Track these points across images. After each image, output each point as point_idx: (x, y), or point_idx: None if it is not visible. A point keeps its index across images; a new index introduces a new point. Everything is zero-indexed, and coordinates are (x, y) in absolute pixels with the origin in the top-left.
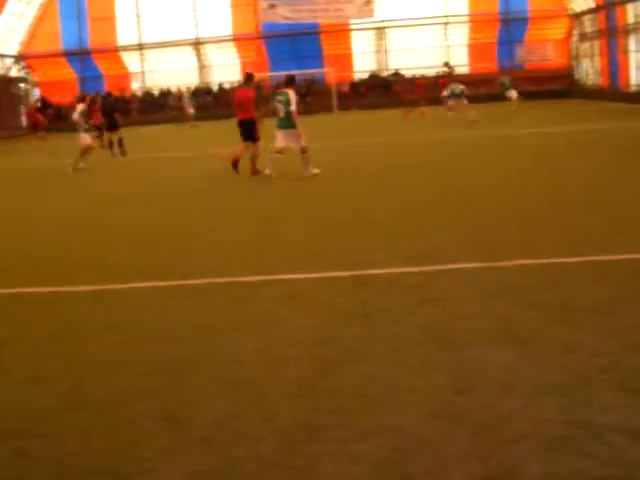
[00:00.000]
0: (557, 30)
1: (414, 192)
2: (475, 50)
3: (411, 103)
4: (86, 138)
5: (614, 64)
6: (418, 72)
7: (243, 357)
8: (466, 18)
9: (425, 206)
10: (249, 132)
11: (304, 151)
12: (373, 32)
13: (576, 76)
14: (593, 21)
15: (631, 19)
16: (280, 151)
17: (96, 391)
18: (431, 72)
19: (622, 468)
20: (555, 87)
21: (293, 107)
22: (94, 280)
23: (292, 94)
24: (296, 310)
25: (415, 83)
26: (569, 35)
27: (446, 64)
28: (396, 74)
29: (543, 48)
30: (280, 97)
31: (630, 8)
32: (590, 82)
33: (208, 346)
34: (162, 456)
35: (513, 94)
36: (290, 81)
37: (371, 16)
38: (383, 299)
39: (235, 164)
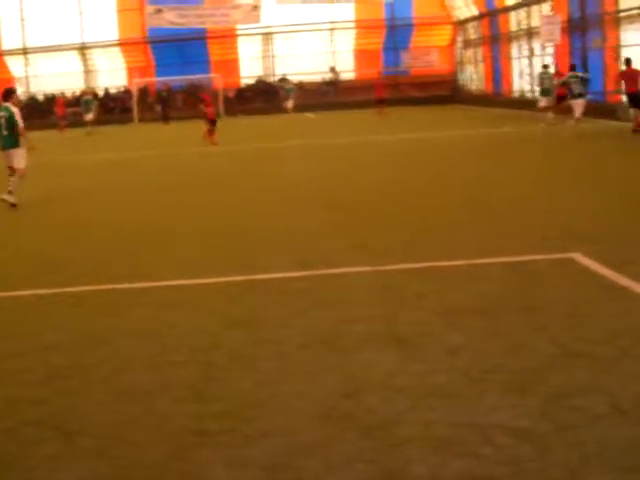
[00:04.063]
0: (442, 37)
1: (299, 196)
2: (361, 56)
3: (382, 102)
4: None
5: (497, 70)
6: (305, 78)
7: (131, 364)
8: (352, 24)
9: (311, 210)
10: (637, 101)
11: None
12: (260, 37)
13: (460, 82)
14: (476, 28)
15: (514, 26)
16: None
17: None
18: (317, 78)
19: (508, 467)
20: (440, 92)
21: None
22: None
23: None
24: (184, 316)
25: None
26: (453, 42)
27: (332, 69)
28: (283, 79)
29: (428, 54)
30: (572, 79)
31: (513, 16)
32: (474, 88)
33: (95, 354)
34: (49, 466)
35: (289, 104)
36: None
37: (258, 22)
38: (271, 304)
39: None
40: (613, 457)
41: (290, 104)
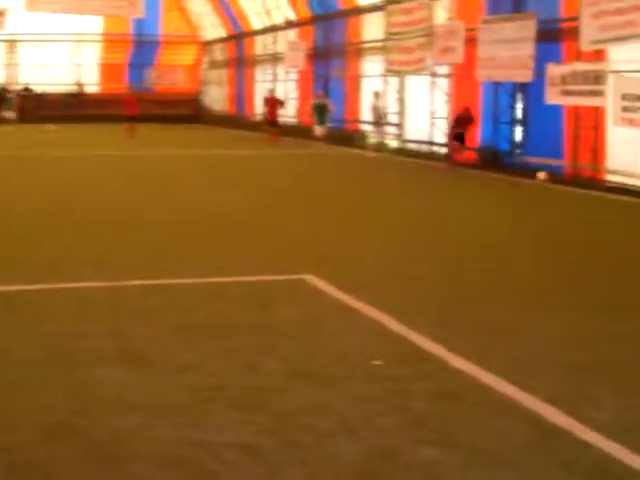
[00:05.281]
0: (188, 56)
1: (32, 208)
2: (106, 70)
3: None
4: None
5: (241, 93)
6: (49, 88)
7: None
8: (99, 37)
9: (46, 223)
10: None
11: None
12: (4, 45)
13: (203, 102)
14: (223, 50)
15: (259, 50)
16: None
17: None
18: (62, 89)
19: None
20: (184, 112)
21: None
22: None
23: None
24: None
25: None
26: (199, 62)
27: (77, 82)
28: (26, 89)
29: (173, 73)
30: None
31: (259, 40)
32: (218, 109)
33: None
34: None
35: (9, 114)
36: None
37: (2, 28)
38: None
39: None
40: (341, 474)
41: (10, 114)
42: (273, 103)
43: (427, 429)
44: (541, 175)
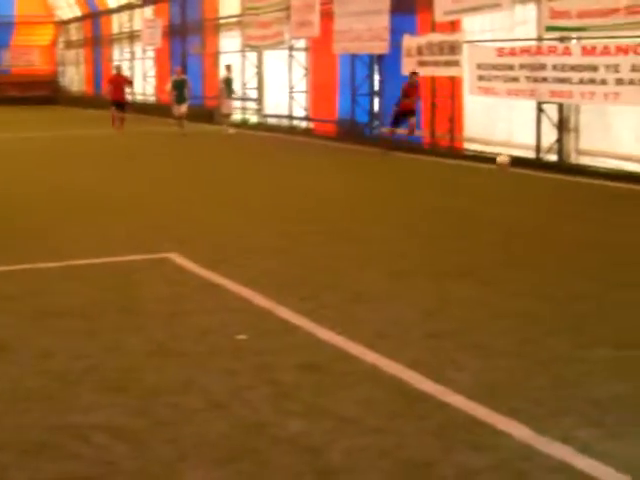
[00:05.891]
0: (43, 36)
1: None
2: None
3: None
4: None
5: (99, 72)
6: None
7: None
8: None
9: None
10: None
11: None
12: None
13: (61, 83)
14: (79, 29)
15: (116, 29)
16: None
17: None
18: None
19: (105, 466)
20: (41, 93)
21: None
22: None
23: None
24: None
25: None
26: (55, 42)
27: None
28: None
29: (29, 54)
30: None
31: (115, 18)
32: (75, 89)
33: None
34: None
35: None
36: None
37: None
38: None
39: None
40: (209, 450)
41: None
42: (119, 82)
43: (294, 401)
44: (501, 158)
